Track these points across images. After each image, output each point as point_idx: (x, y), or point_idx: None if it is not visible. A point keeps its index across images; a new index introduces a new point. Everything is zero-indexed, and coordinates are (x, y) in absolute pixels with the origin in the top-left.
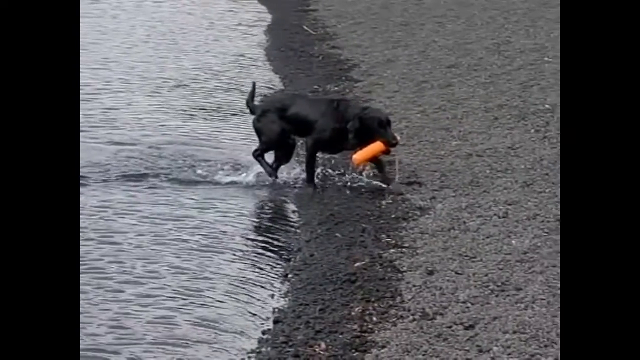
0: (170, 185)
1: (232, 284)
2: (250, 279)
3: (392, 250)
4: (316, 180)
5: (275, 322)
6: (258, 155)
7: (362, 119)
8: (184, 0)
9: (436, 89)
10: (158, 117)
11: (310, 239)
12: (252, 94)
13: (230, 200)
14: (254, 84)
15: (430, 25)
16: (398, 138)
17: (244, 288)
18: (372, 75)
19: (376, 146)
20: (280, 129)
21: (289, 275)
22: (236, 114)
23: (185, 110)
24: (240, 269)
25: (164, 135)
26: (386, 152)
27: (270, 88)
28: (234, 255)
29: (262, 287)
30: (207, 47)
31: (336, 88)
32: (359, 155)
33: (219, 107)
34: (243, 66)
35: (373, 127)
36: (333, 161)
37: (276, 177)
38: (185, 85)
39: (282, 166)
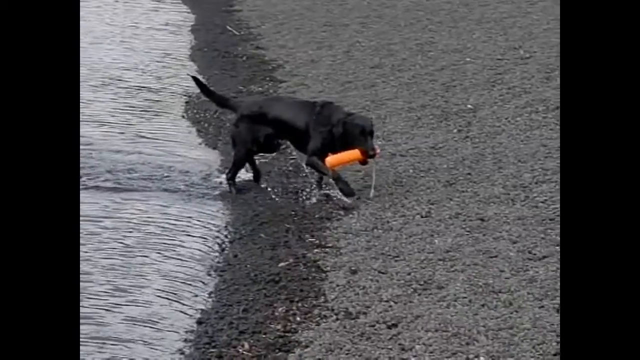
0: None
1: (155, 284)
2: (173, 279)
3: (316, 250)
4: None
5: (199, 322)
6: (229, 179)
7: (346, 124)
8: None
9: (360, 90)
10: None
11: (234, 239)
12: (205, 88)
13: (152, 200)
14: (195, 79)
15: (354, 26)
16: (378, 150)
17: (166, 288)
18: (296, 75)
19: (353, 154)
20: (252, 143)
21: (213, 276)
22: (159, 115)
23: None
24: (163, 270)
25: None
26: (362, 161)
27: (196, 89)
28: (158, 255)
29: (186, 287)
30: (131, 47)
31: (260, 89)
32: (332, 159)
33: (141, 108)
34: (166, 67)
35: (354, 135)
36: (257, 162)
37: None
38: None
39: (219, 167)
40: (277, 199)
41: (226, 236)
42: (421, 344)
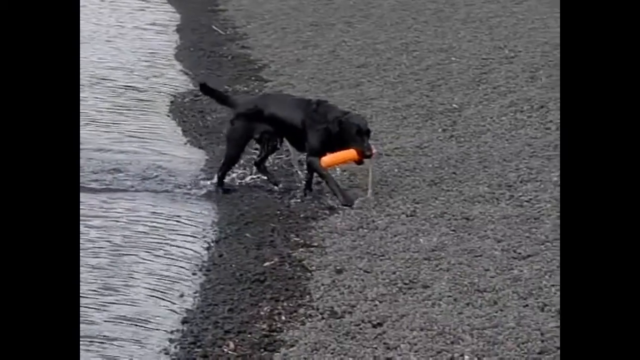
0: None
1: (142, 284)
2: (159, 278)
3: (301, 250)
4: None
5: (184, 322)
6: (220, 177)
7: (342, 123)
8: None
9: (346, 89)
10: None
11: (219, 239)
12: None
13: (139, 199)
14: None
15: (340, 26)
16: (374, 150)
17: (153, 288)
18: (282, 75)
19: (349, 153)
20: (246, 142)
21: (198, 276)
22: (145, 114)
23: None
24: (150, 269)
25: None
26: (358, 161)
27: (181, 88)
28: (145, 254)
29: (171, 287)
30: (117, 46)
31: (246, 88)
32: (328, 159)
33: (127, 107)
34: (152, 66)
35: (351, 134)
36: (242, 161)
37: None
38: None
39: (204, 167)
40: (262, 199)
41: (212, 236)
42: (406, 343)
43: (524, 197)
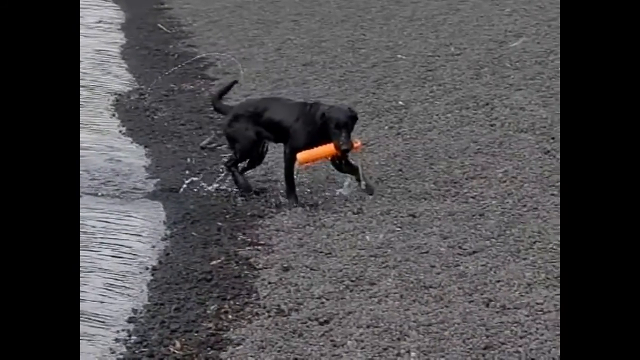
0: None
1: (88, 283)
2: (106, 277)
3: (248, 248)
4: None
5: (130, 321)
6: (231, 165)
7: (323, 116)
8: None
9: (292, 87)
10: None
11: (166, 238)
12: (222, 93)
13: (85, 199)
14: (232, 83)
15: (286, 24)
16: (356, 144)
17: (99, 287)
18: (228, 73)
19: (326, 148)
20: (255, 136)
21: (145, 275)
22: (89, 113)
23: None
24: (97, 268)
25: None
26: (337, 157)
27: (126, 87)
28: (92, 253)
29: (118, 286)
30: None
31: (192, 87)
32: (305, 155)
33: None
34: (97, 65)
35: (330, 127)
36: (189, 160)
37: (251, 190)
38: None
39: (149, 166)
40: (209, 197)
41: (158, 235)
42: (353, 340)
43: (469, 193)
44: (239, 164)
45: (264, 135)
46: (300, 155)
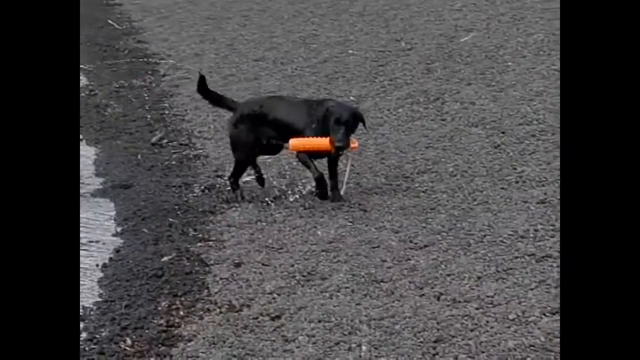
0: None
1: None
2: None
3: (199, 244)
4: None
5: (80, 319)
6: (233, 182)
7: (327, 111)
8: None
9: (243, 82)
10: None
11: (116, 234)
12: (203, 84)
13: None
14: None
15: (237, 19)
16: (353, 145)
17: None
18: (179, 69)
19: (321, 141)
20: (255, 142)
21: (95, 271)
22: None
23: None
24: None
25: None
26: (331, 152)
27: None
28: None
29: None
30: None
31: (142, 82)
32: (297, 141)
33: None
34: None
35: (330, 122)
36: (139, 156)
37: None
38: None
39: (99, 163)
40: (159, 193)
41: (109, 231)
42: (304, 335)
43: (420, 187)
44: (239, 178)
45: (268, 135)
46: (293, 141)
